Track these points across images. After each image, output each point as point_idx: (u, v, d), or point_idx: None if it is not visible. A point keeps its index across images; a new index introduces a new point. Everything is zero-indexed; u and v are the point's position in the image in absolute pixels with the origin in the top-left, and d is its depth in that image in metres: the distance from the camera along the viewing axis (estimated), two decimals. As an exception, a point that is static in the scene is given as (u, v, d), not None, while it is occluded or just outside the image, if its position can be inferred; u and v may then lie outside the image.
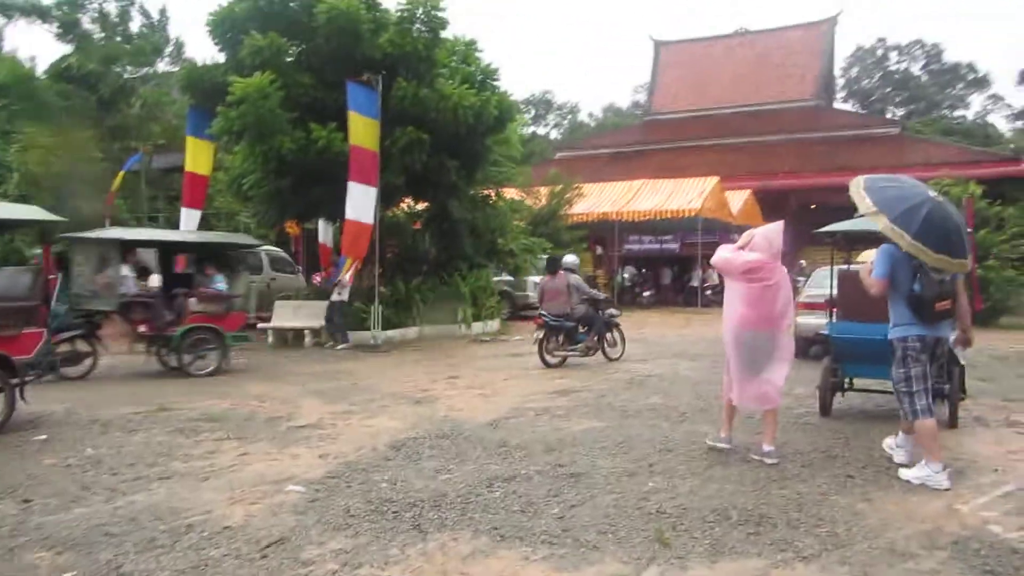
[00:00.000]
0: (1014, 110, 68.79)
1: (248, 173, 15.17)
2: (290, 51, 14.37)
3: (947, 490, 4.98)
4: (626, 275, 27.94)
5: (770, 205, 32.29)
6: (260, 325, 15.76)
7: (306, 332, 14.46)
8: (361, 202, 13.53)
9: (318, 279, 16.32)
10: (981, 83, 75.81)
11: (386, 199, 14.65)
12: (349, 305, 14.63)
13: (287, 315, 14.90)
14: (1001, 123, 67.50)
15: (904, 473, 5.32)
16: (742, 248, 5.93)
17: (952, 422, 6.98)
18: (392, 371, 11.03)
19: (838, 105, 55.38)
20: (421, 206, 17.72)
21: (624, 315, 22.41)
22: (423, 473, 5.41)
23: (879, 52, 79.37)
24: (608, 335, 12.09)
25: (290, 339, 14.70)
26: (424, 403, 8.36)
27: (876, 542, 4.02)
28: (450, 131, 14.30)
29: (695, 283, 27.08)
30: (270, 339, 14.57)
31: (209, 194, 21.11)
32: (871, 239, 7.47)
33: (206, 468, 5.59)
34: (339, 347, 13.82)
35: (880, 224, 5.06)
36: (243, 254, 12.26)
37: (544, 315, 11.43)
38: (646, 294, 27.24)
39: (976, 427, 7.09)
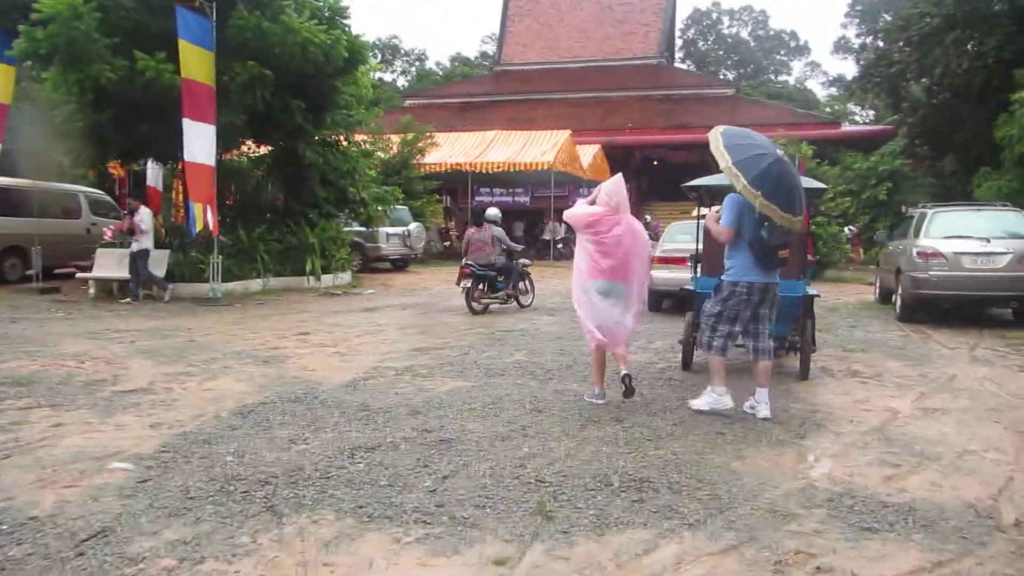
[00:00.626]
0: (829, 77, 74.20)
1: (60, 105, 13.47)
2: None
3: (730, 408, 5.66)
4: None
5: (617, 160, 33.00)
6: (79, 275, 14.28)
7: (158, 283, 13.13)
8: (199, 142, 12.35)
9: (108, 233, 14.26)
10: (802, 50, 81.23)
11: (225, 141, 13.47)
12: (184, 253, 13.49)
13: (111, 264, 13.48)
14: (818, 88, 72.43)
15: (694, 403, 5.81)
16: (592, 203, 6.14)
17: (804, 374, 7.20)
18: (235, 327, 10.18)
19: (677, 65, 57.21)
20: (263, 150, 16.56)
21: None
22: (275, 444, 4.87)
23: (714, 15, 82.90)
24: (520, 284, 12.84)
25: (115, 291, 13.36)
26: (272, 363, 7.69)
27: (757, 503, 3.94)
28: (296, 70, 13.27)
29: (547, 236, 27.23)
30: (92, 291, 13.18)
31: (12, 127, 18.80)
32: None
33: (8, 443, 4.74)
34: (166, 297, 12.67)
35: (738, 185, 5.32)
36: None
37: (472, 265, 11.93)
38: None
39: (824, 378, 7.35)
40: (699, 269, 7.72)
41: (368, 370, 7.38)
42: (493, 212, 13.17)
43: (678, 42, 65.75)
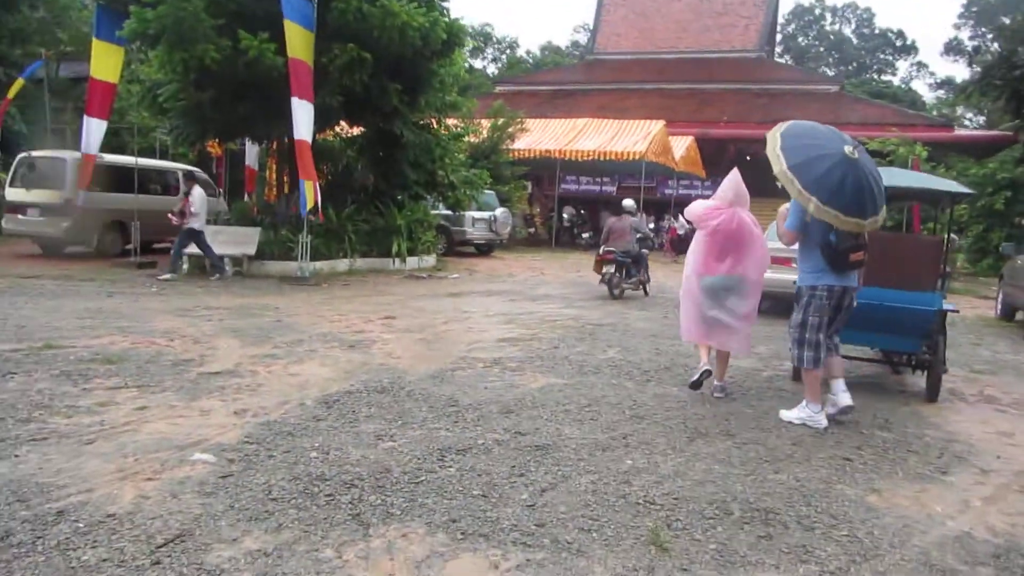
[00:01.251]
0: (936, 79, 70.62)
1: (164, 84, 13.63)
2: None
3: (826, 428, 5.32)
4: (565, 215, 27.21)
5: (711, 153, 32.04)
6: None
7: (227, 260, 13.21)
8: (304, 120, 12.32)
9: (174, 219, 12.63)
10: (908, 50, 77.46)
11: (320, 121, 13.35)
12: (275, 231, 13.55)
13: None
14: (923, 90, 68.88)
15: (785, 414, 5.53)
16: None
17: (932, 396, 6.52)
18: (322, 308, 10.05)
19: (777, 60, 55.24)
20: (355, 131, 16.50)
21: (564, 256, 21.91)
22: (361, 439, 4.58)
23: (816, 11, 79.89)
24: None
25: (208, 267, 13.49)
26: (358, 348, 7.47)
27: (906, 551, 3.41)
28: (394, 52, 13.04)
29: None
30: (185, 266, 13.34)
31: (121, 107, 19.33)
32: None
33: (93, 427, 4.57)
34: (212, 278, 12.59)
35: (791, 190, 5.13)
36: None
37: (613, 251, 12.63)
38: (585, 235, 25.95)
39: (955, 402, 6.65)
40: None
41: (455, 360, 7.06)
42: (629, 203, 13.72)
43: (777, 37, 63.50)
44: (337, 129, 16.16)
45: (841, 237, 5.22)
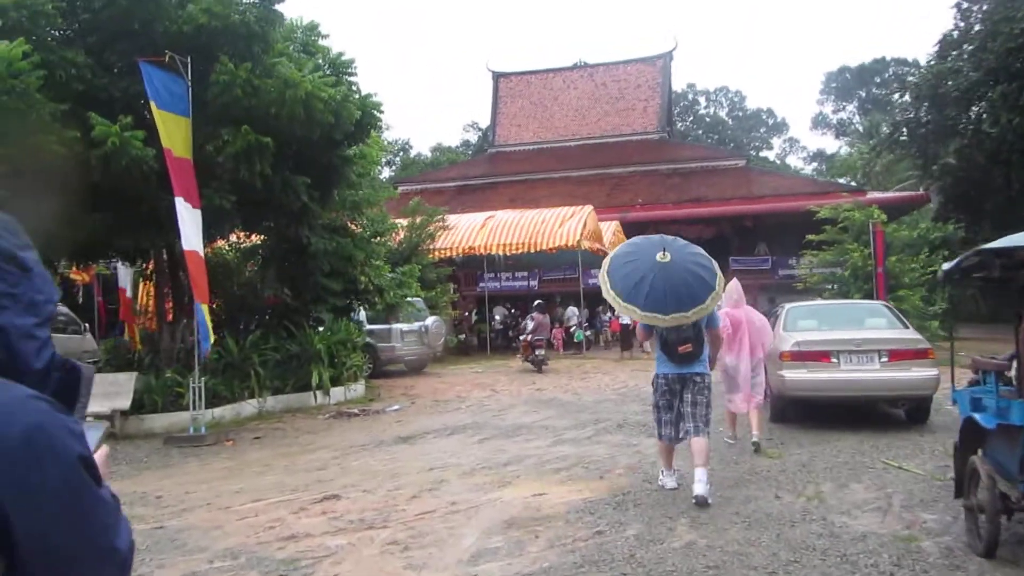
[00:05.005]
0: (809, 152, 73.84)
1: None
2: (55, 18, 9.86)
3: (674, 488, 6.20)
4: (497, 317, 24.62)
5: (631, 237, 30.48)
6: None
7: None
8: (192, 227, 9.45)
9: None
10: (780, 127, 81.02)
11: (208, 228, 10.47)
12: (157, 375, 10.38)
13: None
14: (799, 164, 71.45)
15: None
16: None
17: None
18: (225, 488, 6.99)
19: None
20: (254, 239, 13.64)
21: (505, 364, 19.17)
22: None
23: (690, 96, 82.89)
24: None
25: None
26: (292, 571, 4.55)
27: None
28: (298, 136, 10.43)
29: (572, 323, 24.12)
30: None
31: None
32: None
33: None
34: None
35: (617, 306, 6.11)
36: None
37: (542, 338, 15.49)
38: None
39: None
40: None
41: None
42: (538, 303, 18.11)
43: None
44: (232, 238, 13.25)
45: (668, 332, 6.04)
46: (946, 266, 5.68)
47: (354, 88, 11.58)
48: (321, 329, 13.49)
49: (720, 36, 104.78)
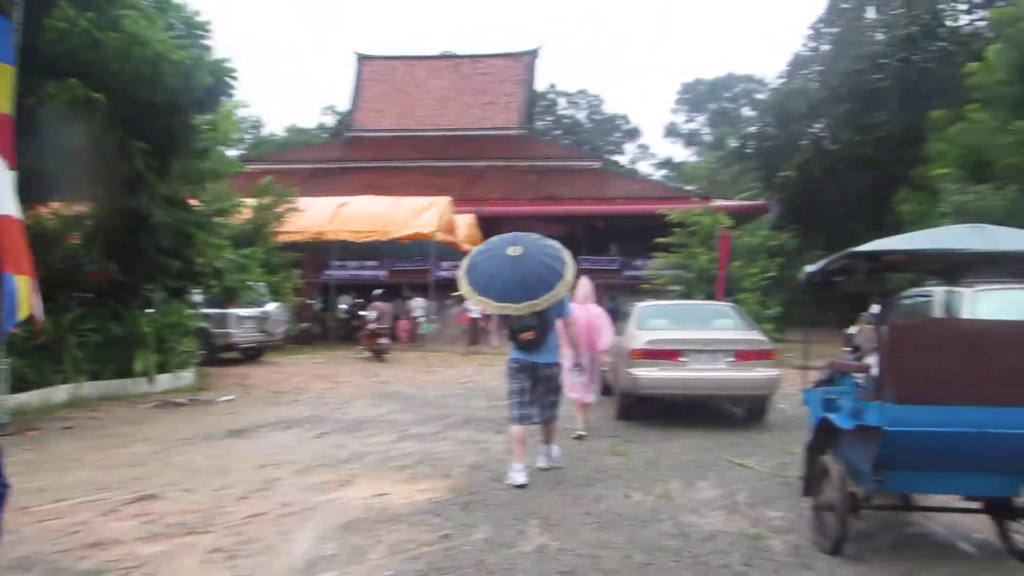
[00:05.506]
0: (659, 159, 77.47)
1: None
2: None
3: (520, 486, 6.16)
4: (343, 306, 23.79)
5: (486, 231, 30.51)
6: None
7: None
8: (5, 189, 8.27)
9: None
10: (634, 133, 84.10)
11: (27, 192, 9.27)
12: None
13: None
14: (649, 169, 74.55)
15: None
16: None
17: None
18: (24, 483, 6.11)
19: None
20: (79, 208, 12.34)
21: (349, 355, 18.56)
22: None
23: (551, 96, 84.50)
24: None
25: None
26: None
27: None
28: (141, 97, 9.48)
29: (418, 314, 23.73)
30: None
31: None
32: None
33: None
34: None
35: (474, 299, 6.54)
36: None
37: (387, 327, 15.80)
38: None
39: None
40: (882, 392, 4.70)
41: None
42: (378, 291, 18.43)
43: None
44: (54, 205, 11.92)
45: (514, 321, 6.36)
46: (811, 268, 5.81)
47: (207, 51, 10.69)
48: (150, 311, 12.42)
49: (582, 40, 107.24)
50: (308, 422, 9.47)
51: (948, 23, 26.88)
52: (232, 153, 44.04)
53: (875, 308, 17.77)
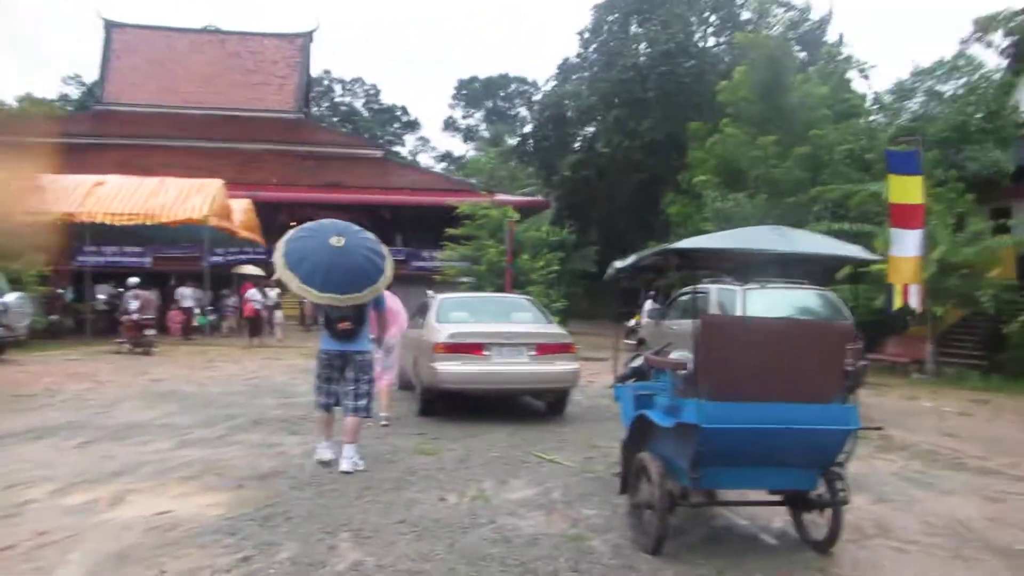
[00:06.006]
0: (439, 152, 78.39)
1: None
2: None
3: (326, 462, 6.53)
4: (101, 296, 21.26)
5: (264, 217, 28.82)
6: None
7: None
8: None
9: None
10: (413, 125, 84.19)
11: None
12: None
13: None
14: (429, 162, 75.08)
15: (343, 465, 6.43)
16: None
17: (831, 540, 4.68)
18: None
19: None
20: None
21: (108, 350, 16.58)
22: None
23: (325, 82, 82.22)
24: None
25: None
26: None
27: None
28: None
29: (187, 304, 21.74)
30: None
31: None
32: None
33: None
34: None
35: (292, 286, 6.22)
36: None
37: (152, 318, 15.37)
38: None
39: (864, 543, 4.92)
40: (698, 389, 4.73)
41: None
42: (133, 280, 17.89)
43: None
44: None
45: (331, 311, 6.43)
46: (619, 263, 5.78)
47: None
48: None
49: (356, 27, 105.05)
50: (65, 429, 8.18)
51: (700, 44, 29.27)
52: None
53: (649, 304, 18.81)
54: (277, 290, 21.00)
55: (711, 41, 30.39)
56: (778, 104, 18.21)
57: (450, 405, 9.15)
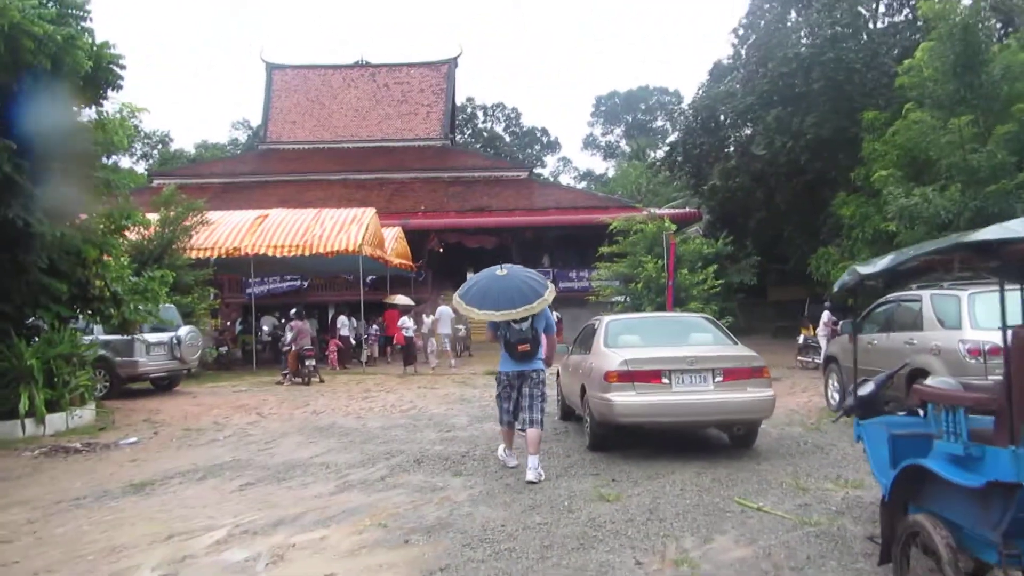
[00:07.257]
0: (580, 171, 77.86)
1: None
2: None
3: (514, 467, 7.50)
4: (265, 328, 21.95)
5: (414, 245, 29.13)
6: None
7: None
8: None
9: None
10: (553, 146, 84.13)
11: None
12: None
13: None
14: (571, 181, 74.44)
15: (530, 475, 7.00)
16: None
17: None
18: None
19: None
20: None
21: (273, 381, 16.87)
22: None
23: (469, 110, 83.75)
24: None
25: None
26: None
27: None
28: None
29: (344, 333, 22.09)
30: None
31: None
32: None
33: None
34: None
35: (460, 308, 7.41)
36: None
37: (312, 348, 15.45)
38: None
39: None
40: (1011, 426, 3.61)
41: None
42: (297, 309, 17.92)
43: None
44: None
45: (510, 333, 7.25)
46: (865, 268, 4.54)
47: (86, 33, 9.06)
48: (37, 339, 10.68)
49: (492, 53, 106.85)
50: (228, 468, 7.97)
51: (869, 25, 26.97)
52: (137, 168, 41.22)
53: (826, 315, 16.91)
54: (432, 318, 20.91)
55: (882, 23, 28.00)
56: (972, 80, 16.08)
57: (623, 438, 8.25)
